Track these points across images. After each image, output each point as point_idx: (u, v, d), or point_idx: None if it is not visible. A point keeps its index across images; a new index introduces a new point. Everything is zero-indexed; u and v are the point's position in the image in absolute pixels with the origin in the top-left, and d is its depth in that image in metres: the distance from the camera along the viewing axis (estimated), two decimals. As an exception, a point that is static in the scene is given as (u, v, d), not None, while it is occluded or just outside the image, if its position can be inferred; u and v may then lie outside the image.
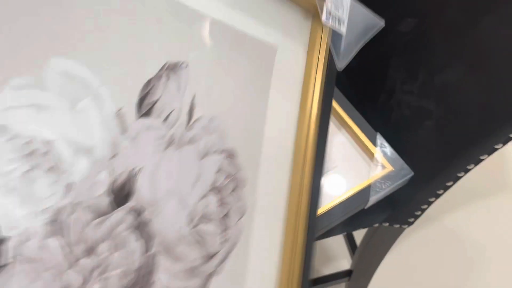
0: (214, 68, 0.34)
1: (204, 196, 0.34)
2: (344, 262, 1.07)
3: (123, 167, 0.30)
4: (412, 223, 0.62)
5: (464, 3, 0.50)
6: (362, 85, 0.63)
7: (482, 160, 0.51)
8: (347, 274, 0.84)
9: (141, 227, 0.31)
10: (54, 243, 0.27)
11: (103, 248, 0.29)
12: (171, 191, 0.32)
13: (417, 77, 0.57)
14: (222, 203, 0.36)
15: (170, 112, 0.32)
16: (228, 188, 0.36)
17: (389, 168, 0.56)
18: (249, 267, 0.38)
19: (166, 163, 0.32)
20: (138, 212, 0.30)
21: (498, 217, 1.20)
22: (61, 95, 0.27)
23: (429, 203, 0.59)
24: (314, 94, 0.40)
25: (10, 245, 0.25)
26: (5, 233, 0.25)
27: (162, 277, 0.32)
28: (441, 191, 0.57)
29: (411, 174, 0.55)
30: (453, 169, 0.54)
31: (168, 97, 0.32)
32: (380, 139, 0.57)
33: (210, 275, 0.35)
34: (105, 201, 0.29)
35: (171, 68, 0.32)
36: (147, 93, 0.31)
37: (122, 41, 0.29)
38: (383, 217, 0.63)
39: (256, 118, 0.38)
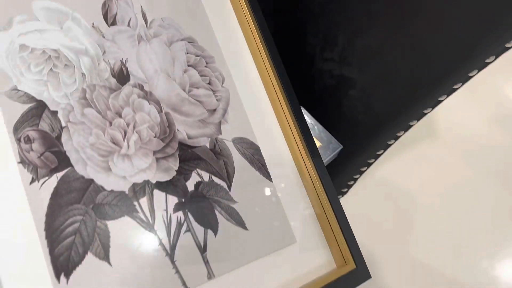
0: (148, -13, 0.46)
1: (185, 71, 0.45)
2: None
3: (114, 59, 0.41)
4: (345, 193, 0.61)
5: None
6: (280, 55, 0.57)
7: (411, 126, 0.49)
8: None
9: (148, 96, 0.41)
10: (90, 111, 0.37)
11: (126, 111, 0.39)
12: (157, 70, 0.43)
13: (336, 43, 0.53)
14: (202, 74, 0.46)
15: (130, 19, 0.43)
16: (201, 63, 0.47)
17: (317, 143, 0.52)
18: (249, 117, 0.48)
19: (143, 52, 0.43)
20: (140, 87, 0.41)
21: (425, 165, 1.20)
22: (50, 22, 0.38)
23: (361, 173, 0.57)
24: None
25: (59, 114, 0.36)
26: (52, 109, 0.35)
27: (181, 128, 0.42)
28: (372, 160, 0.55)
29: (340, 147, 0.52)
30: (382, 138, 0.52)
31: (123, 10, 0.43)
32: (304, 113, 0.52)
33: (219, 124, 0.45)
34: (112, 81, 0.39)
35: (116, -9, 0.43)
36: (107, 11, 0.42)
37: (74, -17, 0.41)
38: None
39: (200, 13, 0.49)
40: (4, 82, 0.34)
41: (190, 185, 0.40)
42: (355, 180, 0.56)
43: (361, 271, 0.47)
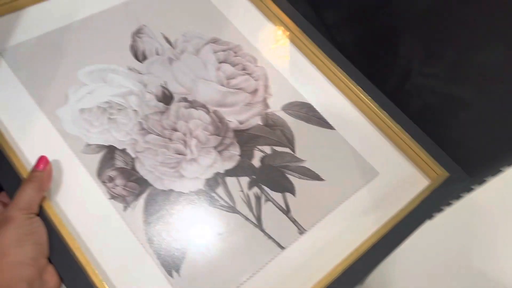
0: (160, 7, 0.52)
1: (218, 69, 0.50)
2: None
3: (155, 87, 0.47)
4: (434, 216, 0.53)
5: None
6: (362, 69, 0.52)
7: None
8: None
9: (193, 104, 0.47)
10: (151, 137, 0.44)
11: (180, 124, 0.45)
12: (193, 79, 0.48)
13: (442, 57, 0.48)
14: (234, 64, 0.50)
15: (156, 48, 0.49)
16: (230, 55, 0.51)
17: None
18: (291, 82, 0.51)
19: (176, 70, 0.48)
20: (184, 99, 0.47)
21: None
22: (95, 81, 0.46)
23: (460, 197, 0.51)
24: None
25: (128, 150, 0.43)
26: (120, 148, 0.43)
27: (231, 117, 0.47)
28: (475, 186, 0.49)
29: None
30: (496, 164, 0.45)
31: (148, 44, 0.49)
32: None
33: (264, 100, 0.49)
34: (160, 105, 0.46)
35: (136, 33, 0.50)
36: (135, 51, 0.49)
37: (106, 46, 0.49)
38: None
39: (215, 13, 0.54)
40: (78, 144, 0.42)
41: (256, 162, 0.45)
42: (450, 205, 0.50)
43: (456, 176, 0.46)
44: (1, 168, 0.38)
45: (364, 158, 0.47)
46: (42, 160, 0.38)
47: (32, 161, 0.39)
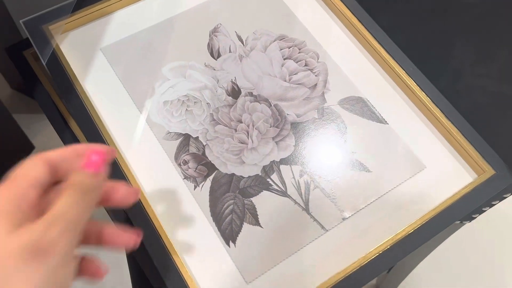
0: (235, 6, 0.58)
1: (283, 65, 0.55)
2: None
3: (226, 82, 0.54)
4: (474, 218, 0.56)
5: None
6: (418, 66, 0.55)
7: None
8: None
9: (258, 98, 0.53)
10: (219, 127, 0.51)
11: (245, 116, 0.52)
12: (260, 75, 0.54)
13: (494, 58, 0.51)
14: (297, 60, 0.56)
15: (229, 46, 0.56)
16: (295, 51, 0.56)
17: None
18: (350, 78, 0.55)
19: (246, 67, 0.55)
20: (250, 94, 0.53)
21: None
22: (176, 77, 0.54)
23: (502, 199, 0.52)
24: None
25: (200, 138, 0.51)
26: (194, 136, 0.51)
27: (290, 111, 0.53)
28: None
29: None
30: None
31: (222, 42, 0.56)
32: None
33: (322, 94, 0.54)
34: (229, 99, 0.53)
35: (213, 31, 0.57)
36: (211, 48, 0.56)
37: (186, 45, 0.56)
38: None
39: (285, 10, 0.59)
40: (161, 131, 0.51)
41: (309, 153, 0.50)
42: (491, 206, 0.51)
43: (502, 175, 0.48)
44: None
45: (413, 152, 0.51)
46: (101, 157, 0.29)
47: (120, 142, 0.49)
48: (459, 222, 0.60)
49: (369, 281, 0.44)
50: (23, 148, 1.13)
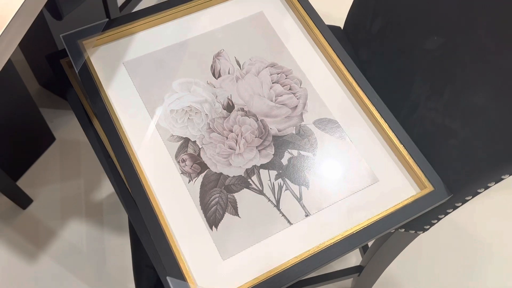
0: (237, 35, 0.70)
1: (271, 88, 0.67)
2: (353, 259, 1.14)
3: (223, 98, 0.66)
4: (427, 229, 0.65)
5: (492, 29, 0.53)
6: (383, 98, 0.65)
7: (503, 179, 0.54)
8: (357, 270, 0.90)
9: (247, 113, 0.65)
10: (214, 134, 0.63)
11: (235, 127, 0.64)
12: (251, 94, 0.66)
13: (442, 95, 0.60)
14: (283, 85, 0.67)
15: (229, 69, 0.68)
16: (282, 77, 0.68)
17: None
18: (326, 103, 0.66)
19: (240, 87, 0.67)
20: (241, 109, 0.65)
21: (501, 212, 1.22)
22: (183, 90, 0.66)
23: (447, 213, 0.61)
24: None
25: (197, 142, 0.62)
26: (192, 140, 0.62)
27: (273, 126, 0.64)
28: (459, 204, 0.59)
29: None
30: (474, 186, 0.56)
31: (223, 65, 0.68)
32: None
33: (301, 114, 0.65)
34: (224, 112, 0.65)
35: (216, 55, 0.69)
36: (214, 69, 0.68)
37: (195, 63, 0.68)
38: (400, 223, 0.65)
39: (278, 43, 0.70)
40: (166, 133, 0.62)
41: (285, 161, 0.62)
42: (439, 219, 0.62)
43: (439, 192, 0.59)
44: (114, 142, 0.60)
45: (370, 167, 0.62)
46: None
47: (133, 140, 0.60)
48: (413, 232, 0.70)
49: (320, 267, 0.55)
50: (45, 140, 1.25)
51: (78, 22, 0.68)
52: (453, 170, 0.59)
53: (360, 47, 0.77)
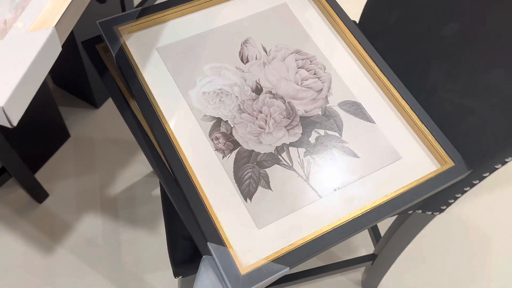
0: (263, 24, 0.74)
1: (297, 72, 0.71)
2: (362, 251, 1.17)
3: (251, 82, 0.69)
4: (444, 210, 0.67)
5: (506, 11, 0.57)
6: (404, 81, 0.69)
7: None
8: (370, 258, 0.91)
9: (275, 96, 0.68)
10: (244, 115, 0.66)
11: (264, 108, 0.67)
12: (278, 78, 0.70)
13: (459, 77, 0.63)
14: (308, 70, 0.71)
15: (256, 55, 0.72)
16: (307, 63, 0.71)
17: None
18: (349, 86, 0.70)
19: (267, 71, 0.70)
20: (269, 92, 0.69)
21: (503, 207, 1.26)
22: (214, 74, 0.69)
23: (464, 192, 0.64)
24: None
25: (229, 121, 0.65)
26: (224, 120, 0.66)
27: (300, 107, 0.68)
28: (476, 181, 0.62)
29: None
30: (492, 161, 0.59)
31: (251, 51, 0.72)
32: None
33: (326, 97, 0.69)
34: (253, 95, 0.68)
35: (244, 42, 0.72)
36: (242, 55, 0.71)
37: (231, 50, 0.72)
38: (418, 204, 0.68)
39: (302, 31, 0.74)
40: (199, 114, 0.66)
41: (312, 139, 0.65)
42: (456, 198, 0.65)
43: (459, 167, 0.63)
44: (152, 120, 0.63)
45: (393, 146, 0.65)
46: None
47: (169, 120, 0.64)
48: (430, 213, 0.74)
49: (350, 236, 0.58)
50: (60, 136, 1.28)
51: (95, 19, 0.71)
52: (471, 146, 0.63)
53: (377, 39, 0.81)
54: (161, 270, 1.15)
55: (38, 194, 1.19)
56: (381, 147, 0.65)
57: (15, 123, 0.35)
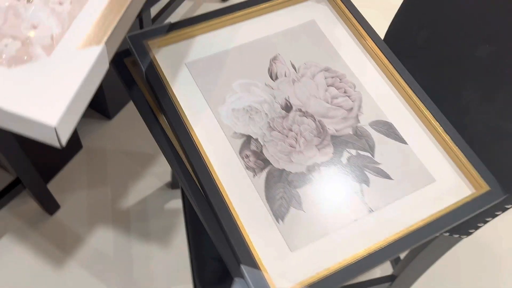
0: (291, 41, 0.73)
1: (326, 90, 0.70)
2: (377, 271, 1.15)
3: (281, 99, 0.68)
4: (471, 233, 0.66)
5: None
6: (436, 101, 0.68)
7: None
8: (389, 279, 0.89)
9: (305, 114, 0.67)
10: (274, 133, 0.65)
11: (294, 127, 0.66)
12: (308, 96, 0.69)
13: (495, 99, 0.62)
14: (338, 88, 0.70)
15: (285, 72, 0.71)
16: (337, 81, 0.71)
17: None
18: (380, 105, 0.69)
19: (297, 89, 0.69)
20: (299, 110, 0.67)
21: None
22: (243, 91, 0.68)
23: (494, 216, 0.62)
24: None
25: (259, 139, 0.64)
26: (254, 137, 0.64)
27: (330, 126, 0.66)
28: (509, 206, 0.61)
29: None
30: None
31: (280, 68, 0.71)
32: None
33: (356, 116, 0.68)
34: (282, 112, 0.67)
35: (273, 59, 0.72)
36: (271, 72, 0.70)
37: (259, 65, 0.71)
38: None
39: (330, 49, 0.73)
40: (229, 130, 0.64)
41: (344, 159, 0.64)
42: (485, 222, 0.64)
43: (495, 191, 0.61)
44: (183, 136, 0.62)
45: (426, 168, 0.64)
46: None
47: (200, 136, 0.62)
48: (457, 236, 0.72)
49: (385, 261, 0.56)
50: (73, 147, 1.26)
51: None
52: (507, 170, 0.62)
53: (404, 58, 0.80)
54: (174, 286, 1.13)
55: (50, 205, 1.17)
56: (414, 169, 0.64)
57: (64, 143, 0.34)
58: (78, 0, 0.41)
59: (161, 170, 1.29)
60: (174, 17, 1.51)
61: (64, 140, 0.34)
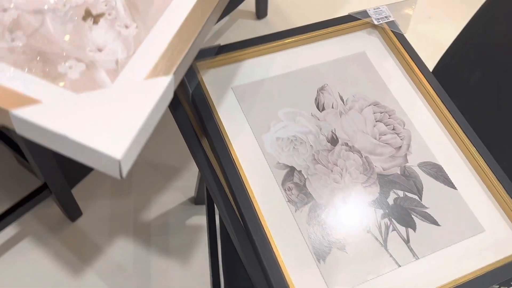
0: (340, 72, 0.71)
1: (374, 126, 0.67)
2: None
3: (327, 131, 0.66)
4: None
5: None
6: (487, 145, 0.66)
7: None
8: None
9: (352, 149, 0.65)
10: (319, 166, 0.63)
11: (340, 161, 0.63)
12: (355, 130, 0.66)
13: None
14: (387, 124, 0.68)
15: (332, 103, 0.69)
16: (385, 117, 0.68)
17: None
18: (429, 146, 0.66)
19: (344, 122, 0.67)
20: (346, 144, 0.65)
21: None
22: (288, 120, 0.66)
23: None
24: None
25: (303, 172, 0.62)
26: (298, 169, 0.62)
27: (377, 164, 0.64)
28: None
29: None
30: None
31: (327, 99, 0.69)
32: None
33: (405, 155, 0.65)
34: (328, 145, 0.65)
35: (320, 89, 0.70)
36: (318, 102, 0.68)
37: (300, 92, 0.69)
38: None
39: (380, 83, 0.71)
40: (273, 160, 0.62)
41: (390, 200, 0.61)
42: None
43: (549, 248, 0.58)
44: (227, 163, 0.60)
45: (476, 216, 0.61)
46: None
47: (243, 163, 0.60)
48: (497, 287, 0.69)
49: (430, 313, 0.53)
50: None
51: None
52: None
53: (452, 96, 0.78)
54: (190, 306, 1.11)
55: (73, 212, 1.16)
56: (463, 216, 0.61)
57: (125, 175, 0.32)
58: (144, 24, 0.40)
59: (185, 185, 1.28)
60: (209, 33, 1.50)
61: (125, 171, 0.32)
